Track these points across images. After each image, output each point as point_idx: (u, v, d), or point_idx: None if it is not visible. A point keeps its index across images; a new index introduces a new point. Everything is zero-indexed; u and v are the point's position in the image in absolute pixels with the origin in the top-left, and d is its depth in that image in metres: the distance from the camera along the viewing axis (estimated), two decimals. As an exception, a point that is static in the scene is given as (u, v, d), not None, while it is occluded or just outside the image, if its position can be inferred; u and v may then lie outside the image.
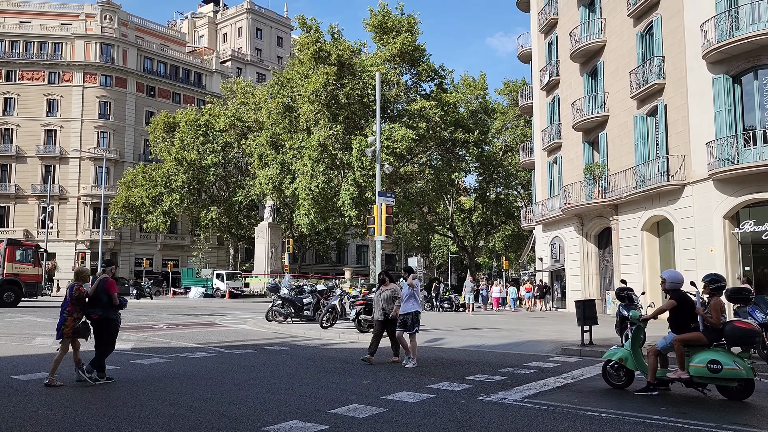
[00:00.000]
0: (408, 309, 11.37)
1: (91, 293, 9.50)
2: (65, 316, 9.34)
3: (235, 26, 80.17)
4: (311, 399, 8.19)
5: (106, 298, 9.47)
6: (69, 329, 9.26)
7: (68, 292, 9.45)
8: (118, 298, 9.54)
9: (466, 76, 52.40)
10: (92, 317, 9.45)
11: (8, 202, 59.44)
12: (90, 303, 9.50)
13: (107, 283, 9.55)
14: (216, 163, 51.94)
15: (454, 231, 58.16)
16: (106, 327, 9.50)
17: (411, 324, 11.33)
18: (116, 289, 9.66)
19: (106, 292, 9.48)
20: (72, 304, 9.36)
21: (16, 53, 60.99)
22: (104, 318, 9.46)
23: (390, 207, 17.85)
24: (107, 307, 9.48)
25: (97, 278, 9.74)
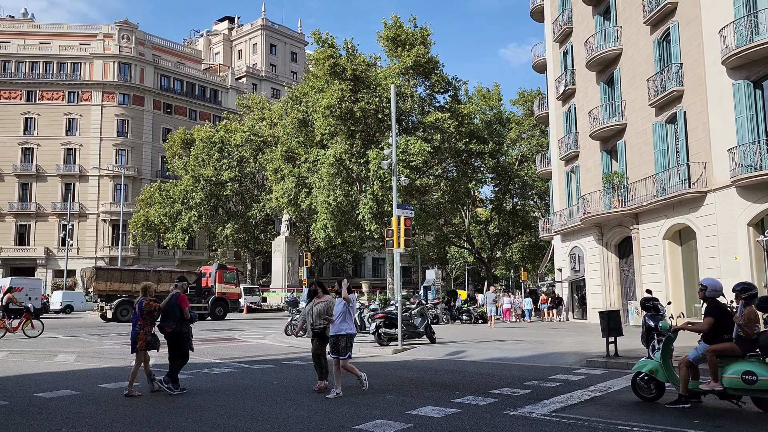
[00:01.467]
0: (342, 330, 9.58)
1: (163, 307, 9.92)
2: (137, 330, 9.77)
3: (250, 43, 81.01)
4: (335, 414, 8.07)
5: (179, 313, 9.87)
6: (142, 342, 9.72)
7: (138, 307, 9.84)
8: (189, 313, 9.98)
9: (480, 87, 52.38)
10: (166, 331, 9.88)
11: (29, 220, 60.21)
12: (163, 317, 9.94)
13: (179, 298, 9.96)
14: (232, 179, 52.27)
15: (471, 242, 57.86)
16: (179, 340, 9.91)
17: (344, 348, 9.56)
18: (188, 304, 10.08)
19: (178, 307, 9.90)
20: (142, 318, 9.77)
21: (36, 74, 62.07)
22: (177, 331, 9.88)
23: (409, 219, 17.73)
24: (180, 320, 9.88)
25: (169, 293, 10.11)
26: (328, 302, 9.92)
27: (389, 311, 17.81)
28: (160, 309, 9.94)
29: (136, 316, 9.91)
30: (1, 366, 13.43)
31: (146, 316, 9.82)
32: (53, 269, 59.09)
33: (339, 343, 9.57)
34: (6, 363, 13.98)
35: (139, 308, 9.86)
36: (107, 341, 20.01)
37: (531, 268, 60.90)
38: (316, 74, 39.87)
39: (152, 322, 9.94)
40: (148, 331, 9.86)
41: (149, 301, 9.90)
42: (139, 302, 9.98)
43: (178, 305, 9.93)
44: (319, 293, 10.07)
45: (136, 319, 9.92)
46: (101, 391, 9.96)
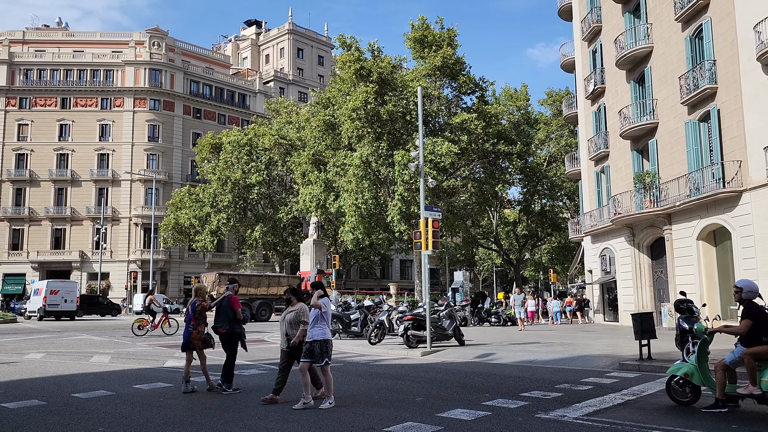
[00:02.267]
0: (314, 335, 8.83)
1: (216, 309, 10.30)
2: (190, 329, 10.18)
3: (277, 47, 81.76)
4: (364, 417, 8.09)
5: (232, 314, 10.19)
6: (198, 341, 10.18)
7: (190, 308, 10.27)
8: (242, 314, 10.34)
9: (507, 88, 52.04)
10: (220, 331, 10.24)
11: (65, 224, 61.62)
12: (216, 318, 10.28)
13: (232, 300, 10.28)
14: (260, 182, 52.73)
15: (499, 244, 57.46)
16: (231, 340, 10.29)
17: (319, 354, 8.75)
18: (239, 305, 10.38)
19: (231, 308, 10.21)
20: (195, 318, 10.18)
21: (70, 81, 63.53)
22: (230, 332, 10.23)
23: (436, 221, 17.68)
24: (233, 321, 10.21)
25: (222, 295, 10.44)
26: (299, 310, 9.15)
27: (417, 313, 17.78)
28: (210, 309, 10.40)
29: (189, 316, 10.29)
30: (40, 367, 13.76)
31: (198, 316, 10.23)
32: (88, 272, 60.38)
33: (314, 349, 8.77)
34: (44, 364, 14.32)
35: (192, 308, 10.26)
36: (140, 343, 20.35)
37: (560, 270, 60.23)
38: (342, 77, 40.05)
39: (204, 322, 10.31)
40: (201, 330, 10.24)
41: (201, 301, 10.34)
42: (192, 303, 10.38)
43: (230, 306, 10.24)
44: (292, 301, 9.33)
45: (188, 319, 10.28)
46: (135, 392, 10.14)
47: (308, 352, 8.80)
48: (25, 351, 17.35)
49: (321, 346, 8.79)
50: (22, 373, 12.60)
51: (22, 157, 61.88)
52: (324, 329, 8.84)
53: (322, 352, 8.78)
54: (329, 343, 8.94)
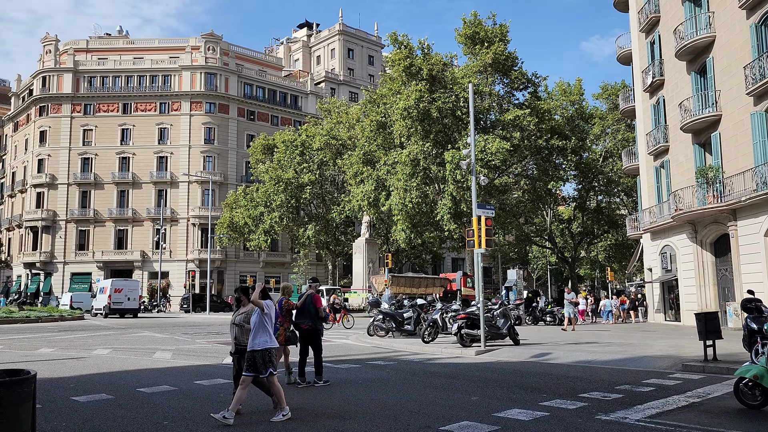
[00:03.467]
0: (255, 345, 7.80)
1: (300, 306, 10.83)
2: (278, 326, 10.45)
3: (328, 48, 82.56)
4: (420, 415, 8.09)
5: (314, 311, 10.80)
6: (282, 338, 10.55)
7: (278, 305, 10.62)
8: (323, 312, 10.99)
9: (561, 83, 50.98)
10: (302, 327, 10.83)
11: (127, 225, 63.95)
12: (299, 315, 10.85)
13: (315, 298, 10.90)
14: (312, 182, 53.36)
15: (553, 242, 56.40)
16: (314, 336, 10.88)
17: (262, 365, 7.76)
18: (321, 303, 11.05)
19: (314, 305, 10.82)
20: (282, 315, 10.61)
21: (131, 87, 65.87)
22: (313, 328, 10.84)
23: (489, 219, 17.50)
24: (315, 318, 10.83)
25: (305, 293, 11.07)
26: (248, 312, 8.36)
27: (471, 312, 17.65)
28: (296, 307, 10.83)
29: (276, 314, 10.57)
30: (106, 362, 14.34)
31: (285, 314, 10.68)
32: (148, 271, 62.47)
33: (255, 360, 7.77)
34: (110, 359, 14.91)
35: (279, 306, 10.63)
36: (199, 340, 20.93)
37: (618, 268, 58.65)
38: (392, 76, 40.10)
39: (290, 320, 10.80)
40: (287, 327, 10.70)
41: (287, 300, 10.79)
42: (279, 301, 10.76)
43: (313, 304, 10.80)
44: (243, 301, 8.57)
45: (276, 316, 10.51)
46: (197, 388, 10.43)
47: (250, 365, 7.78)
48: (93, 347, 18.11)
49: (263, 356, 7.79)
50: (91, 368, 13.15)
51: (87, 161, 64.55)
52: (266, 337, 7.88)
53: (265, 362, 7.79)
54: (271, 352, 7.90)
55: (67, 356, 15.58)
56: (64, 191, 63.74)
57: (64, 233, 63.26)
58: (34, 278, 64.03)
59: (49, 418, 7.78)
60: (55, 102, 65.14)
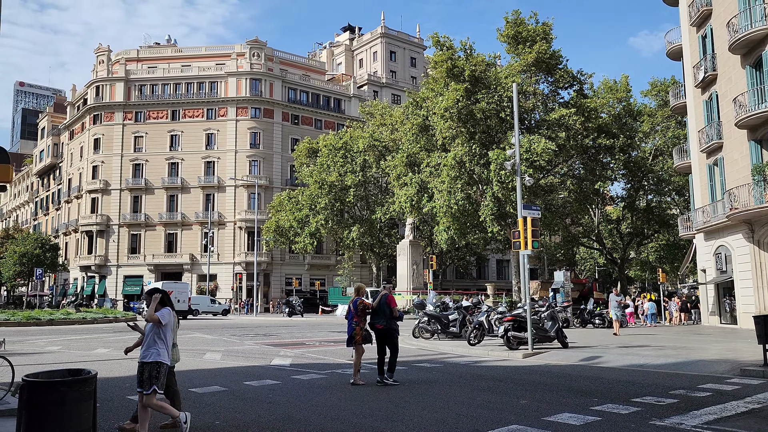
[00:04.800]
0: (145, 356, 6.95)
1: (375, 306, 11.14)
2: (353, 326, 11.05)
3: (370, 51, 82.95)
4: (468, 418, 8.03)
5: (389, 311, 11.10)
6: (359, 337, 11.02)
7: (352, 306, 11.15)
8: (397, 311, 11.28)
9: (606, 80, 49.95)
10: (377, 327, 11.16)
11: (176, 228, 65.62)
12: (373, 315, 11.20)
13: (389, 298, 11.20)
14: (356, 184, 53.70)
15: (601, 242, 55.19)
16: (389, 335, 11.20)
17: (148, 379, 6.82)
18: (396, 303, 11.36)
19: (388, 306, 11.13)
20: (357, 316, 11.03)
21: (179, 94, 67.62)
22: (388, 328, 11.14)
23: (536, 220, 17.26)
24: (390, 318, 11.12)
25: (379, 294, 11.36)
26: None
27: (518, 314, 17.42)
28: (371, 307, 11.14)
29: (351, 313, 11.10)
30: (159, 362, 14.71)
31: (360, 313, 11.01)
32: (197, 274, 63.94)
33: (142, 373, 6.88)
34: (162, 360, 15.29)
35: (354, 306, 11.05)
36: (248, 341, 21.29)
37: (669, 269, 57.01)
38: (435, 77, 40.00)
39: (365, 319, 11.13)
40: (363, 327, 11.04)
41: (362, 300, 11.13)
42: (353, 301, 11.18)
43: (387, 304, 11.09)
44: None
45: (351, 316, 11.09)
46: (246, 388, 10.61)
47: (138, 377, 6.95)
48: (146, 347, 18.59)
49: (150, 370, 6.84)
50: (144, 368, 13.50)
51: (138, 167, 66.55)
52: (159, 349, 6.95)
53: (151, 378, 6.81)
54: (162, 367, 6.91)
55: (122, 357, 16.07)
56: (116, 196, 65.88)
57: (117, 237, 65.35)
58: (89, 281, 66.33)
59: (106, 417, 8.03)
60: (108, 110, 67.42)
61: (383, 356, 11.24)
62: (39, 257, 64.48)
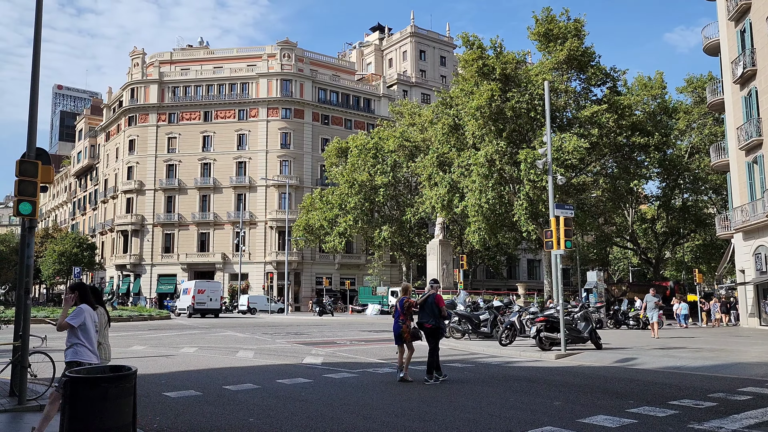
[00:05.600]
0: (66, 356, 6.71)
1: (421, 305, 11.41)
2: (400, 324, 11.31)
3: (400, 50, 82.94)
4: (501, 419, 7.98)
5: (437, 310, 11.35)
6: (407, 334, 11.28)
7: (399, 304, 11.40)
8: (445, 311, 11.53)
9: (641, 76, 48.98)
10: (425, 326, 11.38)
11: (209, 228, 66.58)
12: (422, 314, 11.44)
13: (437, 297, 11.46)
14: (386, 184, 53.75)
15: (635, 242, 54.23)
16: (436, 334, 11.45)
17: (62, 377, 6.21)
18: (443, 303, 11.59)
19: (436, 305, 11.37)
20: (404, 314, 11.28)
21: (211, 95, 68.60)
22: (436, 327, 11.41)
23: (569, 219, 17.04)
24: (438, 317, 11.38)
25: (426, 293, 11.64)
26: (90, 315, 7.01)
27: (550, 314, 17.23)
28: (417, 305, 11.38)
29: (398, 312, 11.33)
30: (194, 360, 14.97)
31: (406, 312, 11.23)
32: (229, 273, 64.76)
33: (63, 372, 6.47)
34: (197, 357, 15.55)
35: (401, 305, 11.28)
36: (279, 340, 21.49)
37: (706, 270, 55.76)
38: (465, 76, 39.78)
39: (411, 317, 11.32)
40: (410, 324, 11.26)
41: (408, 299, 11.35)
42: (400, 300, 11.41)
43: (435, 304, 11.32)
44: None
45: (398, 314, 11.33)
46: (279, 386, 10.71)
47: None
48: (180, 345, 18.95)
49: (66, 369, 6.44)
50: (179, 366, 13.77)
51: (171, 167, 67.71)
52: (76, 348, 6.67)
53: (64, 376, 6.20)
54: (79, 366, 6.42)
55: (157, 354, 16.38)
56: (151, 197, 67.13)
57: (152, 237, 66.59)
58: (124, 279, 67.74)
59: (144, 412, 8.19)
60: (142, 112, 68.74)
61: None
62: (77, 256, 66.10)
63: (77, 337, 6.68)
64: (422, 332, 11.47)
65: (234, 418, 8.03)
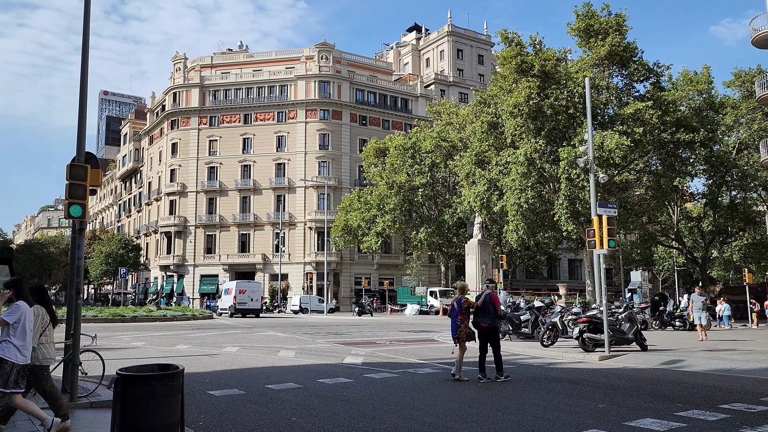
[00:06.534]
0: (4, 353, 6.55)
1: (479, 305, 11.53)
2: (458, 323, 11.43)
3: (437, 50, 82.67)
4: (545, 421, 7.87)
5: (493, 310, 11.51)
6: (464, 334, 11.40)
7: (456, 304, 11.50)
8: (501, 310, 11.77)
9: (686, 71, 47.63)
10: (482, 326, 11.56)
11: (249, 229, 67.58)
12: (477, 313, 11.58)
13: (493, 297, 11.63)
14: (424, 184, 53.64)
15: (681, 241, 52.78)
16: (493, 334, 11.63)
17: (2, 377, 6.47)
18: (500, 303, 11.81)
19: (492, 305, 11.54)
20: (461, 313, 11.39)
21: (251, 98, 69.64)
22: (492, 326, 11.59)
23: (612, 218, 16.70)
24: (494, 317, 11.54)
25: (483, 293, 11.80)
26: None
27: (593, 315, 16.92)
28: (474, 305, 11.49)
29: (455, 311, 11.43)
30: (236, 359, 15.21)
31: (464, 311, 11.34)
32: (269, 273, 65.58)
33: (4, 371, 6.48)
34: (239, 357, 15.79)
35: (458, 305, 11.36)
36: (320, 340, 21.65)
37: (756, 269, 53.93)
38: (503, 74, 39.37)
39: (469, 317, 11.44)
40: (467, 324, 11.39)
41: (466, 298, 11.47)
42: (457, 300, 11.48)
43: (492, 303, 11.47)
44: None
45: (455, 314, 11.43)
46: (320, 386, 10.79)
47: None
48: (223, 345, 19.28)
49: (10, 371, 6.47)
50: (222, 365, 14.01)
51: (212, 170, 68.97)
52: (4, 345, 6.57)
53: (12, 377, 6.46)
54: (6, 364, 6.45)
55: (201, 353, 16.70)
56: (193, 199, 68.51)
57: (194, 238, 67.96)
58: (168, 280, 69.30)
59: (189, 411, 8.34)
60: (184, 116, 70.21)
61: (485, 354, 11.62)
62: (123, 257, 68.00)
63: (7, 334, 6.56)
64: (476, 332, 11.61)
65: (277, 417, 8.12)
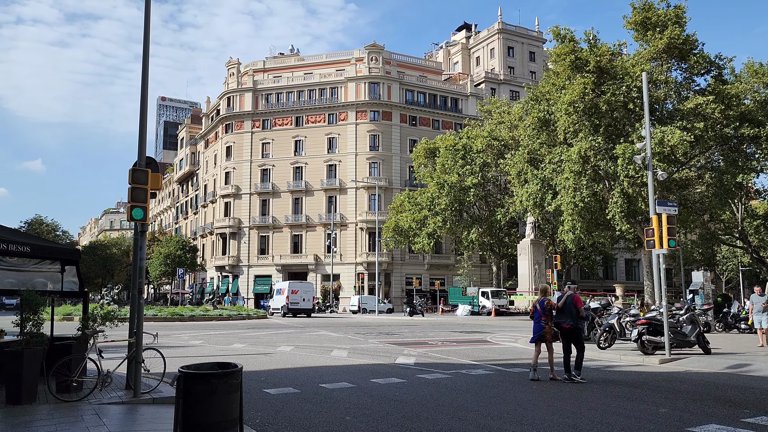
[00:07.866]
0: None
1: (561, 306, 11.66)
2: (542, 325, 11.58)
3: (487, 48, 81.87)
4: (603, 425, 7.68)
5: (575, 311, 11.59)
6: (550, 335, 11.56)
7: (539, 305, 11.65)
8: (584, 311, 11.79)
9: (750, 63, 45.56)
10: (563, 327, 11.66)
11: (301, 230, 68.55)
12: (559, 314, 11.70)
13: (575, 298, 11.70)
14: (475, 184, 53.19)
15: (746, 240, 50.61)
16: (576, 335, 11.69)
17: None
18: (582, 304, 11.84)
19: (574, 306, 11.63)
20: (545, 315, 11.53)
21: (302, 101, 70.64)
22: (574, 327, 11.67)
23: (672, 216, 16.15)
24: (576, 317, 11.62)
25: (564, 294, 11.86)
26: None
27: (653, 317, 16.41)
28: (556, 307, 11.60)
29: (538, 313, 11.56)
30: (290, 358, 15.44)
31: (547, 313, 11.47)
32: (321, 274, 66.33)
33: None
34: (293, 356, 16.03)
35: (541, 307, 11.49)
36: (372, 340, 21.75)
37: (828, 270, 51.11)
38: (556, 71, 38.64)
39: (552, 318, 11.55)
40: (551, 325, 11.50)
41: (549, 300, 11.59)
42: (540, 301, 11.61)
43: (573, 305, 11.55)
44: None
45: (538, 315, 11.57)
46: (373, 386, 10.84)
47: None
48: (277, 344, 19.61)
49: None
50: (277, 363, 14.25)
51: (265, 172, 70.28)
52: None
53: None
54: None
55: (256, 351, 17.04)
56: (247, 200, 69.96)
57: (248, 239, 69.38)
58: (223, 280, 71.00)
59: (246, 408, 8.49)
60: (238, 119, 71.80)
61: (569, 354, 11.61)
62: (180, 258, 70.04)
63: None
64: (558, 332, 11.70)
65: (331, 416, 8.20)
